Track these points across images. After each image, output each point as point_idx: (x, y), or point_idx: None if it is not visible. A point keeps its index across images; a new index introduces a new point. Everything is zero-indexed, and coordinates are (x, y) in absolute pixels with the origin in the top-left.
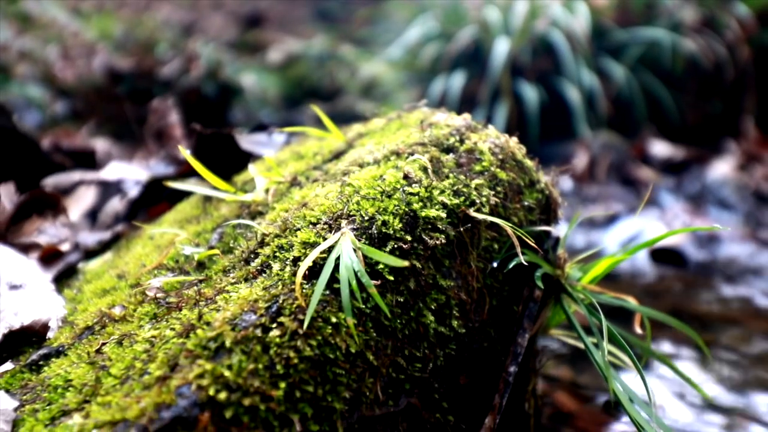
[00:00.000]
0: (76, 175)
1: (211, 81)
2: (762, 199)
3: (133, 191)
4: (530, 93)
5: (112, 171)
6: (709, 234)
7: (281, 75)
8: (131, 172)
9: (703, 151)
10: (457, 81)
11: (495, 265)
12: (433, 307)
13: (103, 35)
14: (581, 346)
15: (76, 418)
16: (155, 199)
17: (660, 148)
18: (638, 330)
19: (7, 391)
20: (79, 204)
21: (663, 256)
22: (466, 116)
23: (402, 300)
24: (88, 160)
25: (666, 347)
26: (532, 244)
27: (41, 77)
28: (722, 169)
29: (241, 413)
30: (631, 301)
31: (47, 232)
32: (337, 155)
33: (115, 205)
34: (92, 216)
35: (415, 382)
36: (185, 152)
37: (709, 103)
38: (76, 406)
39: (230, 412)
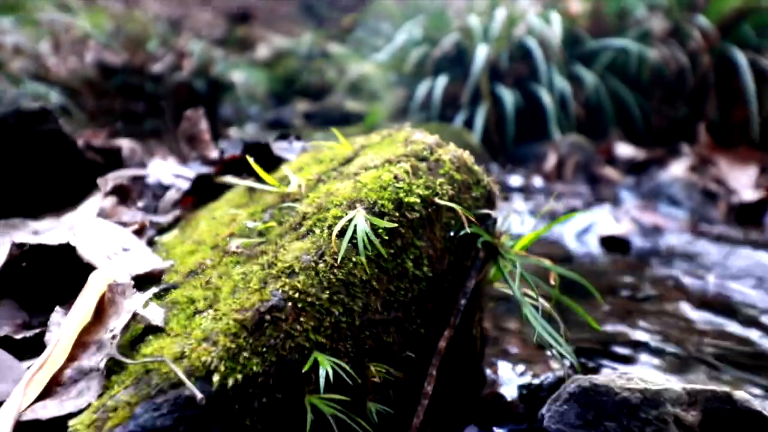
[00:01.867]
0: (130, 172)
1: (201, 77)
2: (709, 196)
3: (185, 185)
4: (508, 96)
5: (156, 168)
6: (655, 226)
7: (270, 72)
8: (179, 170)
9: (663, 153)
10: (441, 84)
11: (452, 234)
12: (411, 257)
13: (95, 30)
14: (522, 300)
15: (210, 311)
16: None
17: (624, 150)
18: (552, 282)
19: None
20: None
21: (612, 244)
22: (436, 136)
23: (392, 251)
24: (115, 157)
25: (637, 335)
26: (475, 222)
27: (35, 72)
28: (677, 169)
29: (305, 306)
30: (547, 263)
31: (126, 214)
32: (348, 161)
33: (173, 194)
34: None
35: (400, 303)
36: (251, 160)
37: (673, 109)
38: (205, 308)
39: (300, 305)
